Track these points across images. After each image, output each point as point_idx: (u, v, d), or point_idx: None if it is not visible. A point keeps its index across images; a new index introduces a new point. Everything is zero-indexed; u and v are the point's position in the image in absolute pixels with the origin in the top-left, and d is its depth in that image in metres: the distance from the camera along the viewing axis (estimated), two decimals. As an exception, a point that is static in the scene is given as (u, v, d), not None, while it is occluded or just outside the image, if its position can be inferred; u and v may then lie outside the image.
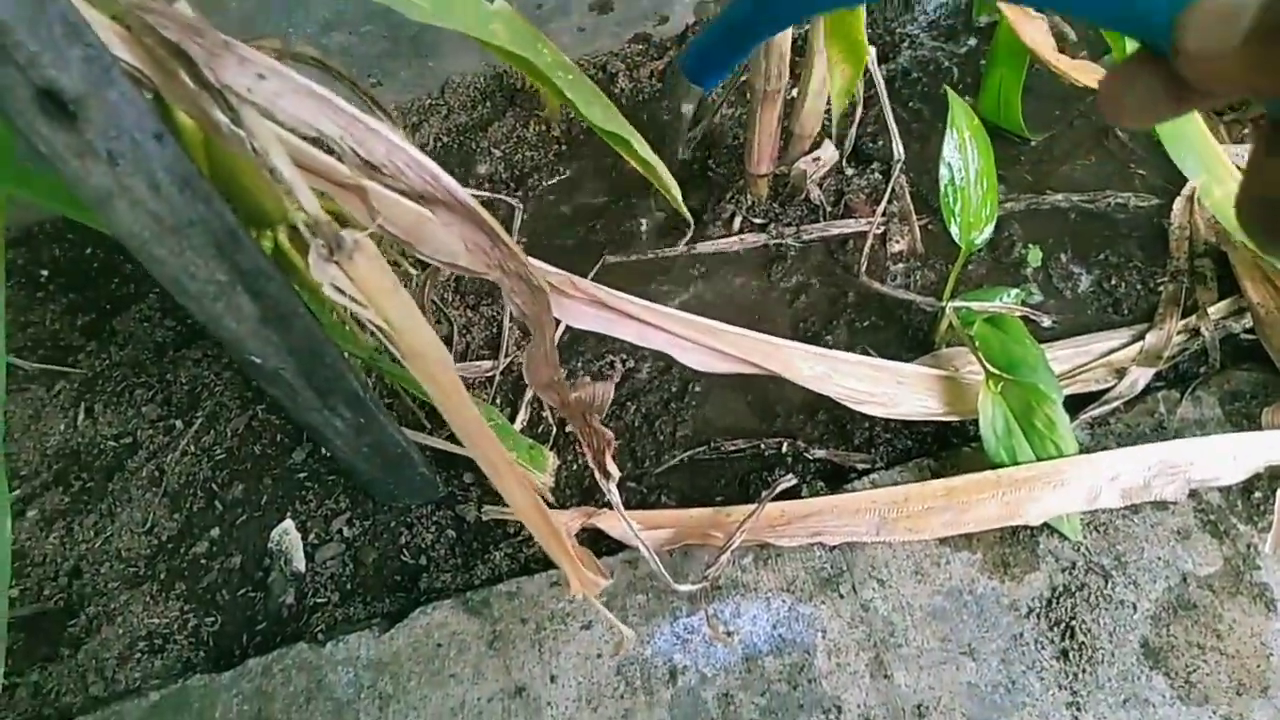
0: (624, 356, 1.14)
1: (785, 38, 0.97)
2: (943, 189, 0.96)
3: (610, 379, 1.11)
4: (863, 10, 0.96)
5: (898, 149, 1.13)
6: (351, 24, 1.35)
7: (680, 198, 1.03)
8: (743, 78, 1.24)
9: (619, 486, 1.07)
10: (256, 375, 0.82)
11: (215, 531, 1.09)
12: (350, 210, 0.68)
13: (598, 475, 0.84)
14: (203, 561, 1.07)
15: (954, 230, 0.97)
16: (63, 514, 1.13)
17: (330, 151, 0.61)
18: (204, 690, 0.94)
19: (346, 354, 0.90)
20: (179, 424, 1.19)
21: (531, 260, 0.75)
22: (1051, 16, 1.12)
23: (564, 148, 1.39)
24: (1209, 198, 0.90)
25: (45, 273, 1.39)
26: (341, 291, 0.57)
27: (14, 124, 0.52)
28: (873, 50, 1.06)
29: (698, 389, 1.11)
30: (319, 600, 1.02)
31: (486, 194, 1.25)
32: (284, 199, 0.86)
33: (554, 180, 1.36)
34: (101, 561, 1.08)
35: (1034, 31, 1.10)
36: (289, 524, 1.08)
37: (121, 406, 1.21)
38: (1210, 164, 0.89)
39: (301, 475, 1.12)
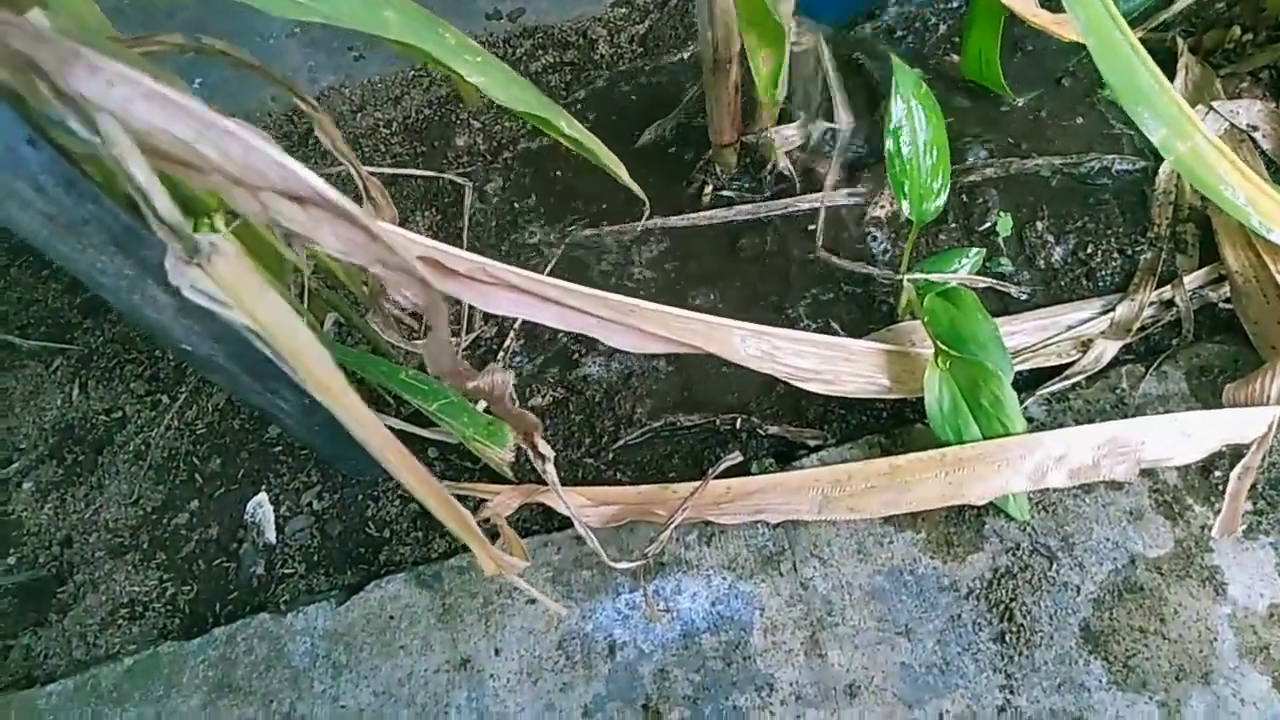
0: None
1: (729, 4, 0.93)
2: (889, 160, 0.92)
3: (508, 367, 1.11)
4: None
5: (843, 115, 1.10)
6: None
7: (625, 175, 1.02)
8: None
9: (576, 463, 1.08)
10: (192, 362, 0.84)
11: (195, 504, 1.13)
12: (244, 207, 0.69)
13: (531, 456, 0.85)
14: (183, 532, 1.12)
15: (904, 204, 0.94)
16: (57, 486, 1.18)
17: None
18: (173, 657, 0.99)
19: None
20: (165, 399, 1.23)
21: (439, 245, 0.75)
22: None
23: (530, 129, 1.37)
24: (1171, 154, 0.85)
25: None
26: (207, 295, 0.58)
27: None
28: (793, 25, 1.02)
29: (658, 366, 1.10)
30: (287, 571, 1.06)
31: (434, 173, 1.25)
32: (221, 188, 0.87)
33: (531, 152, 1.35)
34: (91, 531, 1.14)
35: (1008, -14, 1.05)
36: (263, 497, 1.12)
37: (113, 382, 1.26)
38: (1170, 118, 0.84)
39: (276, 449, 1.15)
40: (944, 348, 0.90)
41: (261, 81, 0.77)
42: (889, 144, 0.92)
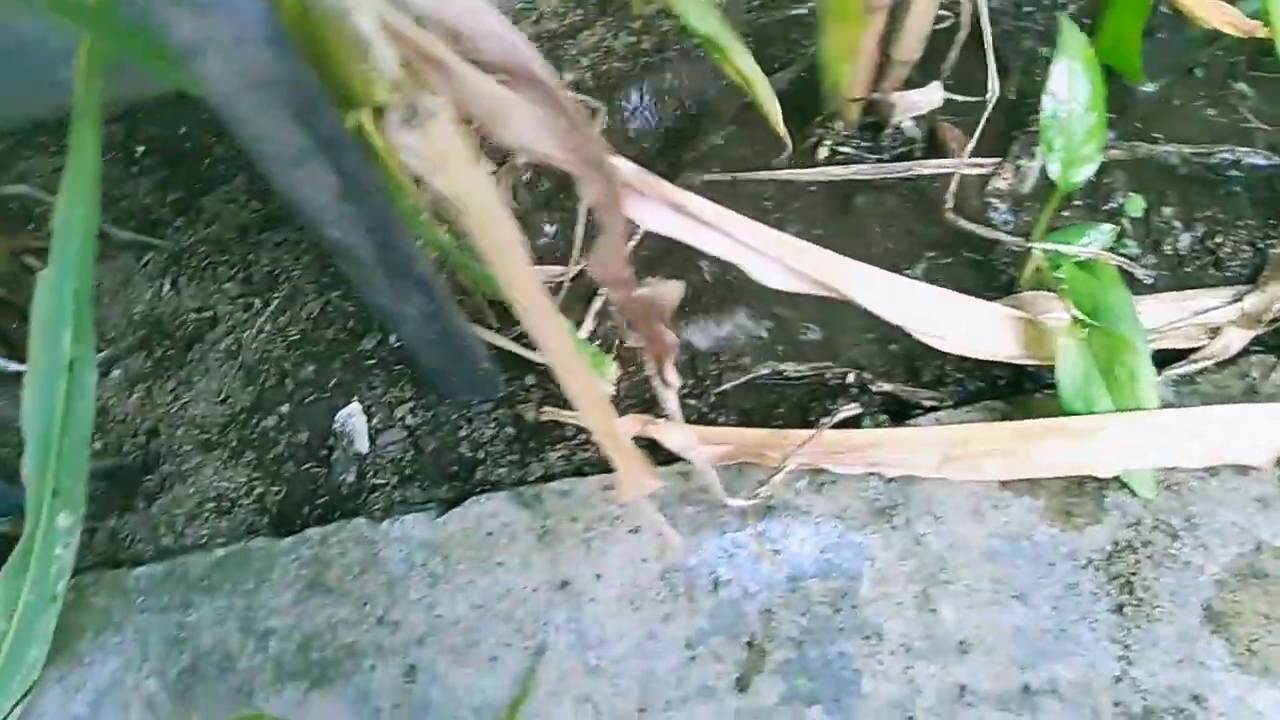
0: (689, 274, 1.13)
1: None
2: (1043, 120, 0.91)
3: (679, 285, 1.10)
4: None
5: (994, 84, 1.08)
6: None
7: (779, 117, 1.01)
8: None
9: (678, 400, 1.07)
10: (332, 250, 0.83)
11: (285, 408, 1.13)
12: (433, 85, 0.68)
13: (655, 382, 0.84)
14: (271, 434, 1.11)
15: (1053, 167, 0.93)
16: (144, 377, 1.18)
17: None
18: (264, 552, 0.98)
19: (421, 243, 0.91)
20: (257, 303, 1.22)
21: (611, 153, 0.74)
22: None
23: (654, 59, 1.36)
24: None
25: (141, 149, 1.43)
26: (419, 159, 0.57)
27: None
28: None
29: (765, 313, 1.09)
30: (378, 481, 1.05)
31: (570, 94, 1.23)
32: (370, 76, 0.86)
33: (640, 94, 1.33)
34: (177, 425, 1.13)
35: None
36: (355, 406, 1.11)
37: (204, 281, 1.25)
38: None
39: (370, 362, 1.14)
40: (1081, 317, 0.89)
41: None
42: (1045, 103, 0.91)
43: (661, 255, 1.14)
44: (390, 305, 0.90)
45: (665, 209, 0.78)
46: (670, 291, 0.72)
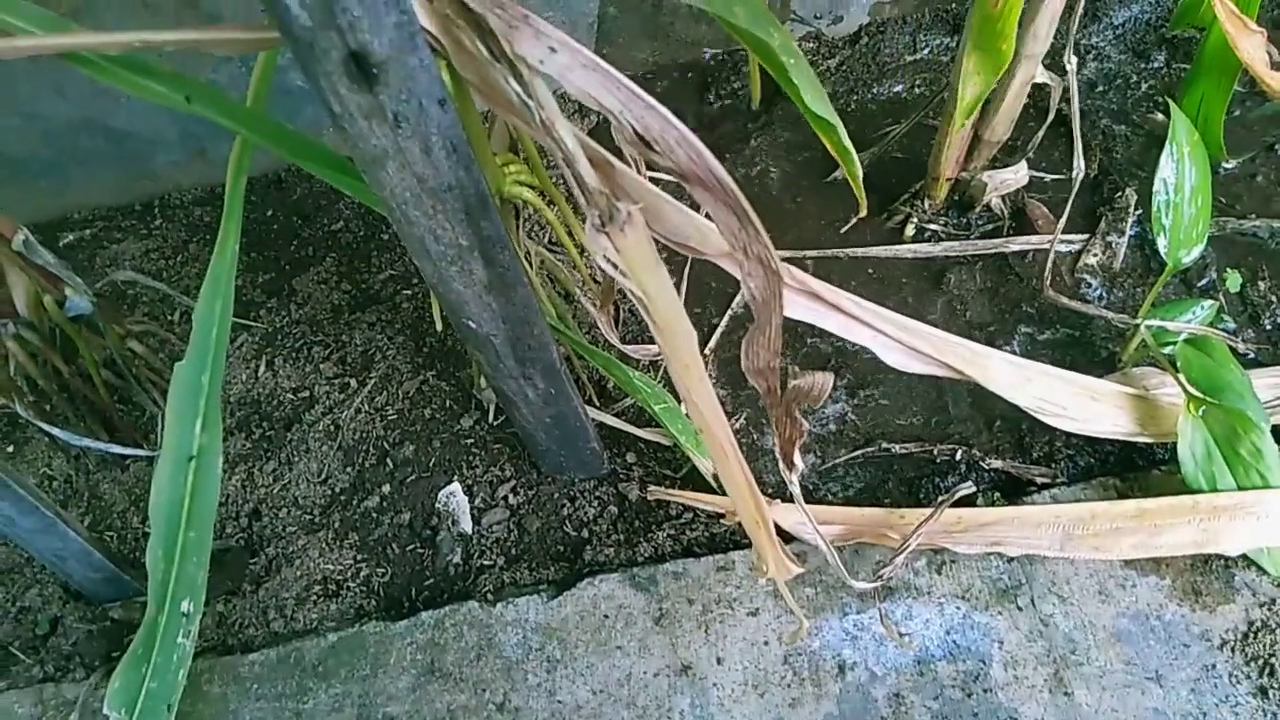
0: (787, 355, 1.14)
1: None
2: (1155, 203, 0.93)
3: (828, 371, 1.11)
4: (1014, 17, 0.91)
5: (1079, 162, 1.10)
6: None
7: (863, 191, 1.03)
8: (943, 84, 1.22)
9: (783, 481, 1.08)
10: (467, 338, 0.85)
11: (386, 488, 1.14)
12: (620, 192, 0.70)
13: (782, 466, 0.84)
14: (374, 515, 1.12)
15: (1161, 244, 0.94)
16: (244, 459, 1.19)
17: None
18: (379, 637, 0.98)
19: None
20: (354, 383, 1.24)
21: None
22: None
23: (754, 137, 1.39)
24: None
25: (231, 231, 1.47)
26: (610, 262, 0.59)
27: (317, 83, 0.56)
28: (1073, 61, 1.04)
29: (871, 390, 1.10)
30: (485, 562, 1.05)
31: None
32: (501, 173, 0.89)
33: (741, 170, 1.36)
34: (280, 506, 1.14)
35: (1250, 45, 1.06)
36: (456, 486, 1.12)
37: (300, 362, 1.27)
38: None
39: (469, 441, 1.16)
40: (1198, 394, 0.90)
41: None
42: (1157, 186, 0.93)
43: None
44: (514, 390, 0.91)
45: (803, 297, 0.80)
46: (822, 384, 0.74)
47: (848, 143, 0.90)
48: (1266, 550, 0.87)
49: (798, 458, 0.84)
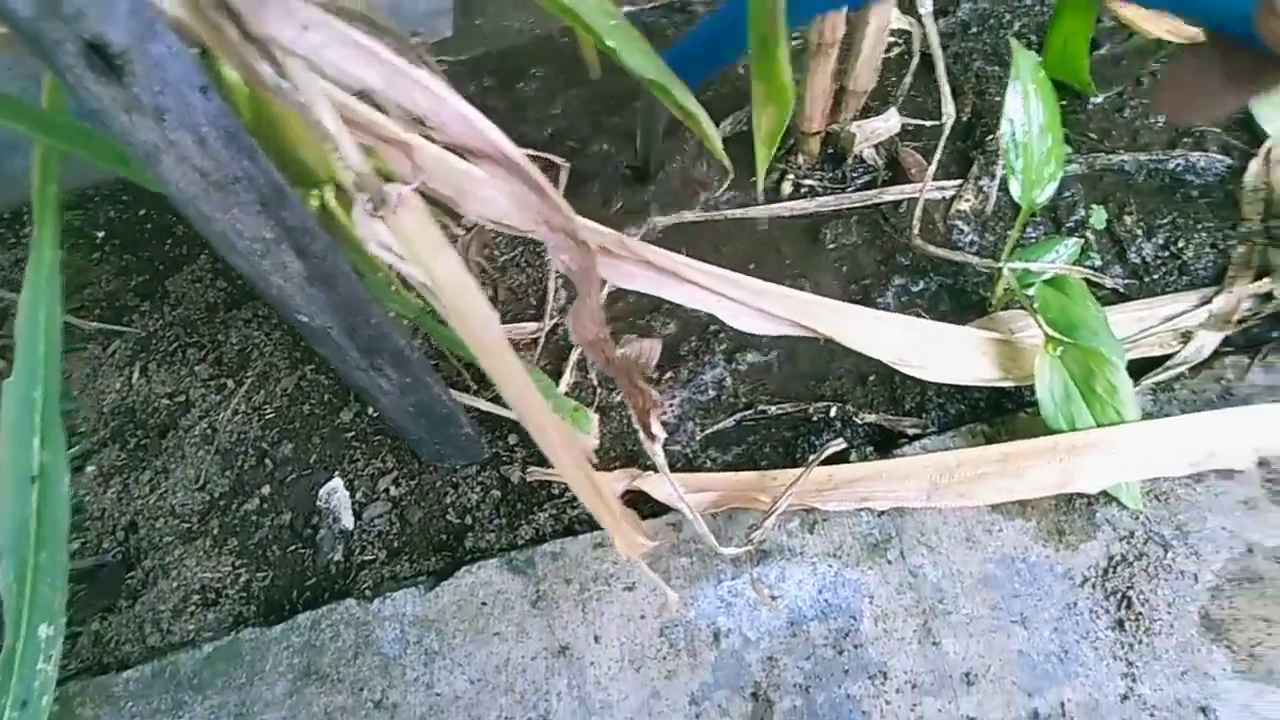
0: (664, 320, 1.13)
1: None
2: (1004, 144, 0.92)
3: (658, 336, 1.10)
4: (784, 52, 0.78)
5: (949, 107, 1.09)
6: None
7: (721, 147, 1.01)
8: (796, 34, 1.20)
9: (663, 449, 1.06)
10: (305, 333, 0.82)
11: (266, 489, 1.11)
12: (395, 167, 0.68)
13: (643, 437, 0.83)
14: (254, 518, 1.09)
15: (1014, 188, 0.94)
16: (120, 470, 1.15)
17: (376, 107, 0.60)
18: (255, 643, 0.96)
19: (393, 314, 0.91)
20: (230, 383, 1.20)
21: (579, 219, 0.74)
22: None
23: (607, 106, 1.37)
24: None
25: (101, 234, 1.41)
26: (387, 248, 0.56)
27: (64, 79, 0.52)
28: (928, 3, 1.03)
29: (743, 352, 1.09)
30: (366, 558, 1.03)
31: (530, 152, 1.23)
32: (330, 157, 0.86)
33: (596, 142, 1.34)
34: (156, 517, 1.11)
35: (1102, -20, 1.05)
36: (337, 482, 1.09)
37: (175, 365, 1.23)
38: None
39: (349, 435, 1.13)
40: (1055, 335, 0.90)
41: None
42: (1004, 127, 0.92)
43: (640, 307, 1.14)
44: (367, 382, 0.89)
45: (638, 267, 0.78)
46: (649, 350, 0.72)
47: (690, 104, 0.88)
48: (1125, 485, 0.88)
49: (656, 427, 0.82)
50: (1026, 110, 0.92)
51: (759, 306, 0.83)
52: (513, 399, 0.66)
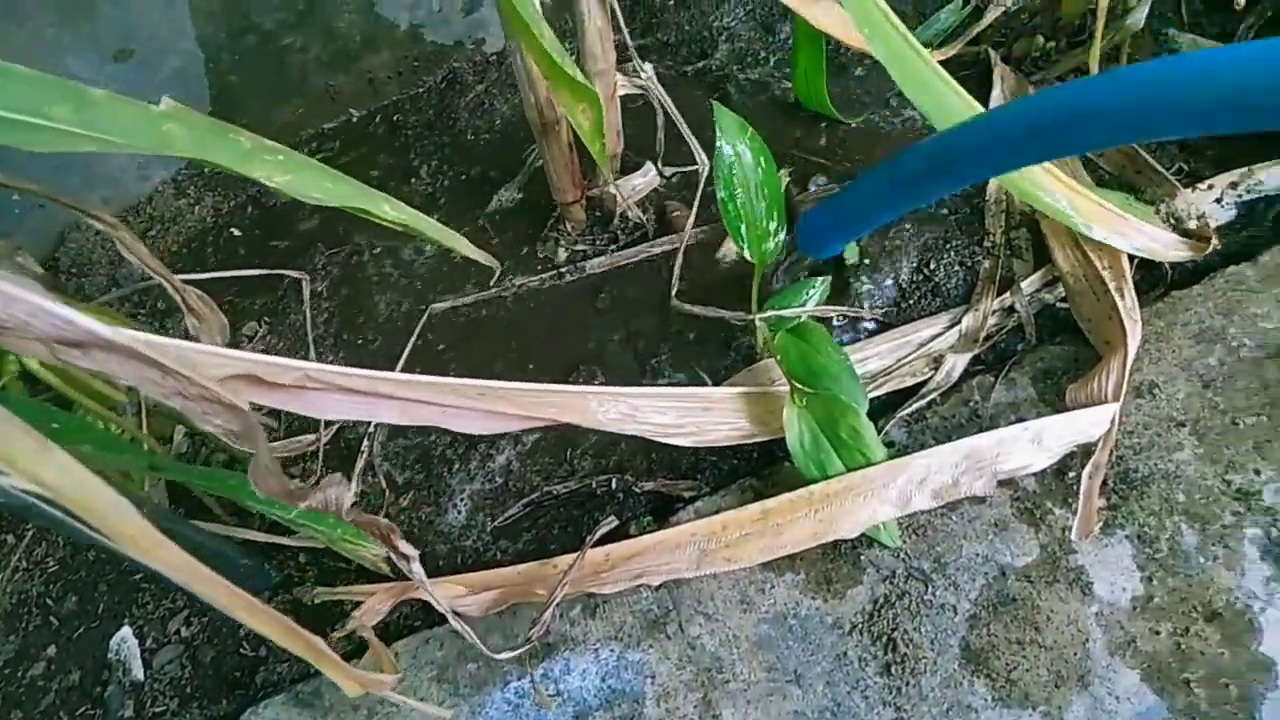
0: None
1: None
2: (723, 206, 0.93)
3: (344, 482, 1.08)
4: (551, 43, 0.80)
5: (700, 156, 1.10)
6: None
7: (466, 246, 0.99)
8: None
9: (456, 548, 1.05)
10: (12, 514, 0.78)
11: (52, 649, 1.05)
12: (29, 351, 0.64)
13: (395, 559, 0.81)
14: (40, 684, 1.03)
15: (745, 249, 0.94)
16: (-105, 653, 1.09)
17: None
18: (36, 826, 0.91)
19: (120, 468, 0.87)
20: (11, 538, 1.14)
21: (257, 358, 0.71)
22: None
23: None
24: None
25: None
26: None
27: None
28: (649, 68, 1.03)
29: (534, 432, 1.08)
30: (158, 709, 0.99)
31: (268, 270, 1.19)
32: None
33: (377, 235, 1.32)
34: (-62, 698, 1.05)
35: (821, 13, 1.07)
36: (126, 631, 1.05)
37: (-49, 529, 1.17)
38: (947, 105, 0.85)
39: (137, 577, 1.08)
40: (798, 385, 0.91)
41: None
42: (720, 190, 0.92)
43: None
44: (95, 539, 0.85)
45: (338, 395, 0.76)
46: (336, 493, 0.70)
47: (401, 214, 0.87)
48: (882, 526, 0.89)
49: (405, 547, 0.80)
50: (741, 169, 0.93)
51: (484, 407, 0.82)
52: (175, 577, 0.63)
